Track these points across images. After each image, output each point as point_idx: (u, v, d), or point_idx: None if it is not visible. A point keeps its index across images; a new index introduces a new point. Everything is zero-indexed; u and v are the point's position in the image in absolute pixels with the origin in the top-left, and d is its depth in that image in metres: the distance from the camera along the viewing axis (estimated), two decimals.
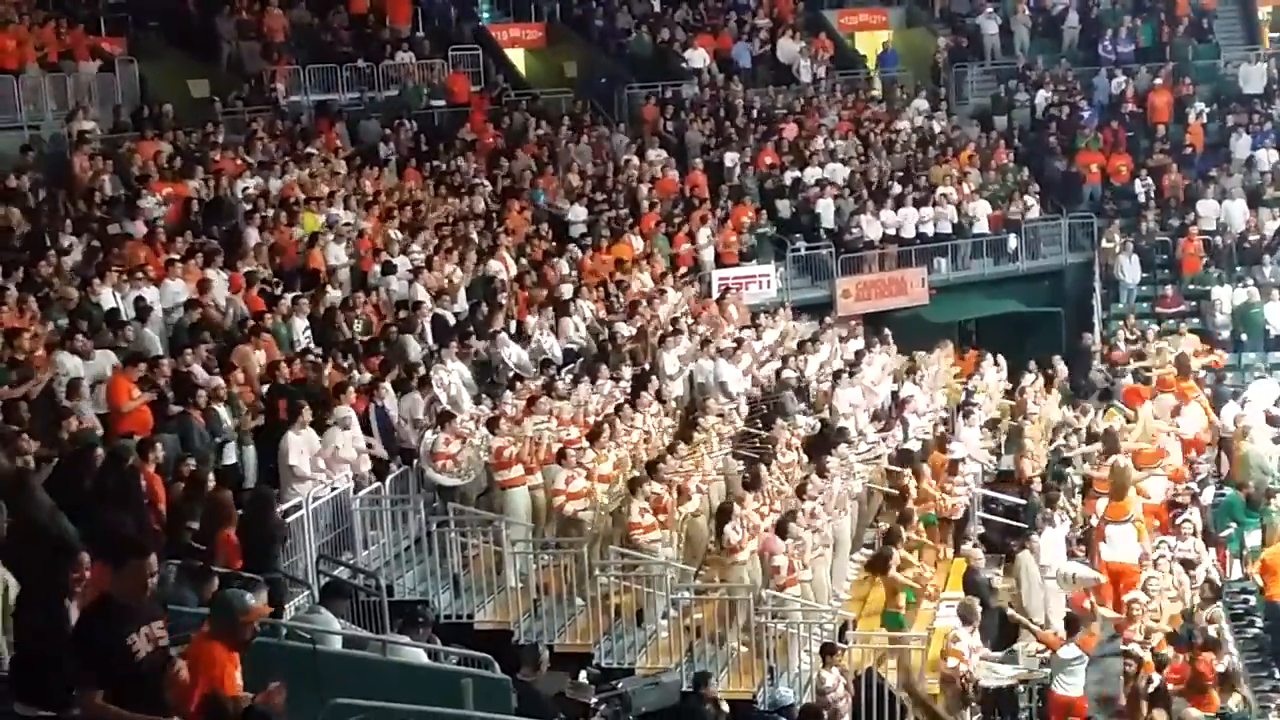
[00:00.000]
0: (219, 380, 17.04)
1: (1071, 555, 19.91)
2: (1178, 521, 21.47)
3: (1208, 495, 23.25)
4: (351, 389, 17.77)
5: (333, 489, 16.39)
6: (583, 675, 14.79)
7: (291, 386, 17.71)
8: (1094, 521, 20.83)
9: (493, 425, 18.12)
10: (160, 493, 14.13)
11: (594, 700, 13.84)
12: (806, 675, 16.36)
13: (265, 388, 17.91)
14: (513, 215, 28.71)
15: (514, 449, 17.71)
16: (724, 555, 17.30)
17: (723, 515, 17.35)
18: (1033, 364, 27.86)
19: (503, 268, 25.16)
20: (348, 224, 24.59)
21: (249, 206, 24.21)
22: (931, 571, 19.86)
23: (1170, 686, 17.14)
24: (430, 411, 18.47)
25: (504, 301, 23.28)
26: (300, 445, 16.39)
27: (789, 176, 34.66)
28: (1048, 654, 18.40)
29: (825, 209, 33.80)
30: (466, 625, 16.20)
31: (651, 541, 17.00)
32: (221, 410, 16.61)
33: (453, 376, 19.58)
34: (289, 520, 15.22)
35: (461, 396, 19.39)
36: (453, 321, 22.37)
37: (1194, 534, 20.92)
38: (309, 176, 26.61)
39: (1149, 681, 17.06)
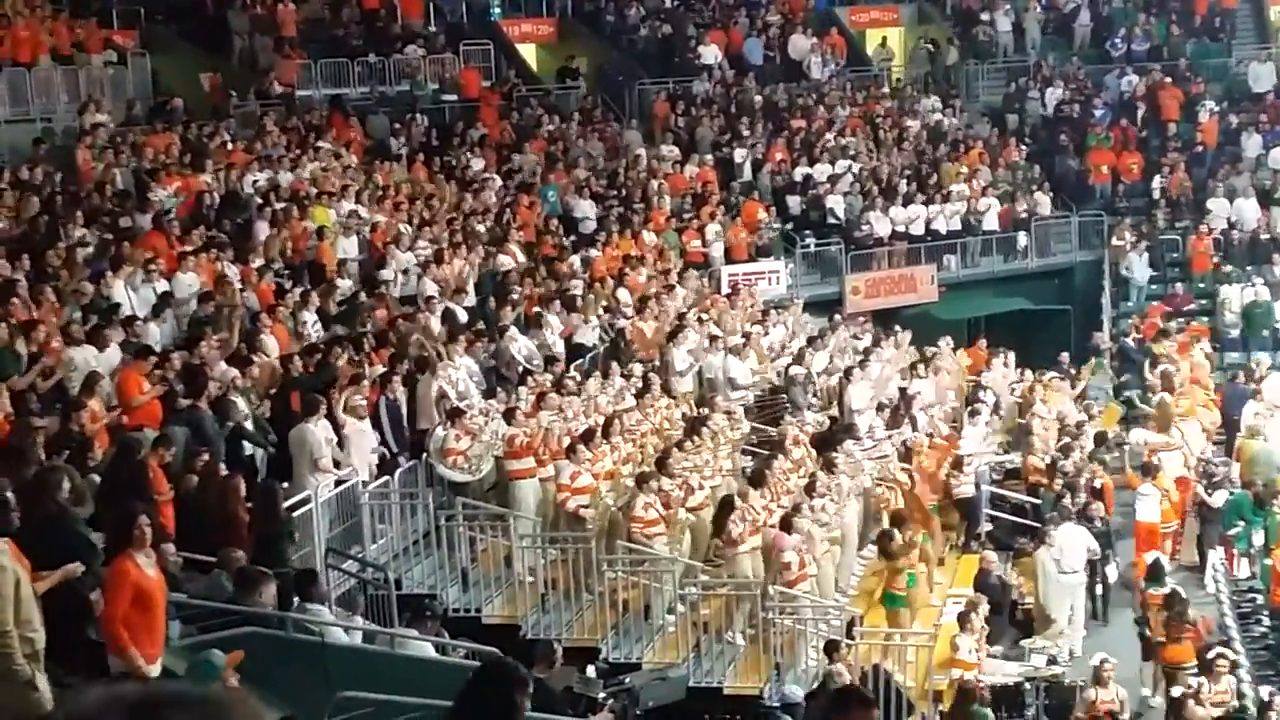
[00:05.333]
0: (235, 372, 17.04)
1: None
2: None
3: (1220, 496, 23.21)
4: (366, 381, 17.78)
5: (338, 483, 16.41)
6: (590, 670, 14.82)
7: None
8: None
9: (509, 416, 18.15)
10: (164, 487, 14.09)
11: (602, 694, 13.87)
12: (813, 671, 16.38)
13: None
14: (523, 210, 28.72)
15: (525, 438, 17.72)
16: (725, 548, 17.31)
17: (725, 508, 17.35)
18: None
19: (512, 262, 25.17)
20: (358, 217, 24.59)
21: (260, 200, 24.24)
22: (930, 541, 20.04)
23: None
24: (440, 407, 18.49)
25: (514, 296, 23.28)
26: (318, 436, 16.40)
27: (799, 173, 34.64)
28: (1055, 651, 18.49)
29: (835, 205, 33.78)
30: (475, 619, 16.25)
31: (653, 536, 17.02)
32: (239, 401, 16.58)
33: (460, 373, 19.58)
34: (298, 514, 15.22)
35: (470, 392, 19.40)
36: (463, 317, 22.37)
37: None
38: (320, 170, 26.63)
39: None
